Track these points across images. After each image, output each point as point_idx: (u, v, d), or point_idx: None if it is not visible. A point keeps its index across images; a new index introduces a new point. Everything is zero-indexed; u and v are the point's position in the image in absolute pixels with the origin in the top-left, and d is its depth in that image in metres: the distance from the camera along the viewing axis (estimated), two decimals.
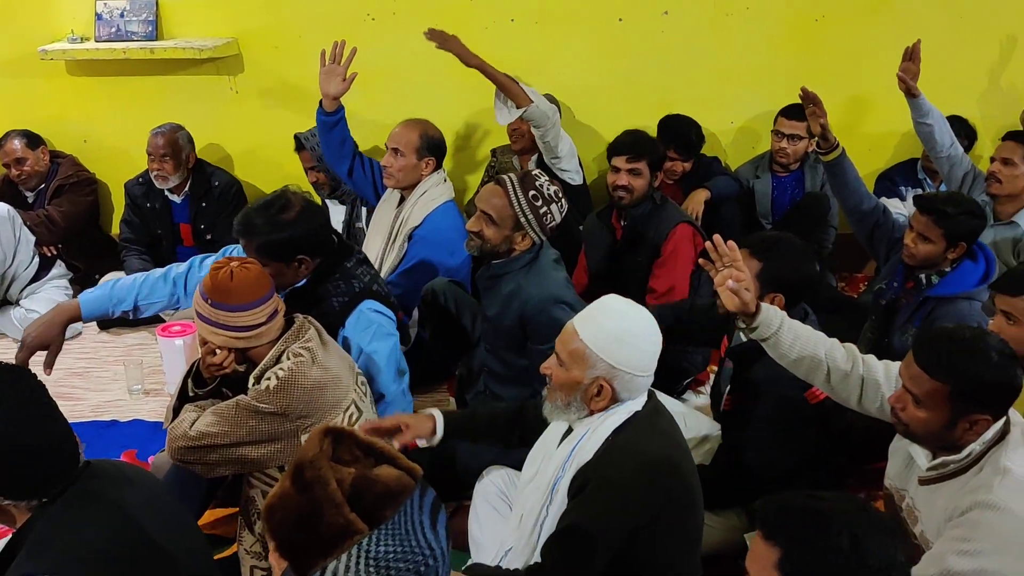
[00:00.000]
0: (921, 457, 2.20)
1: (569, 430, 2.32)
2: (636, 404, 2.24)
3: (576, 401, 2.24)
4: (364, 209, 4.38)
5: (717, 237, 2.44)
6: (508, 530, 2.45)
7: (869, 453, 3.01)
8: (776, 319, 2.38)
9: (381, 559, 1.50)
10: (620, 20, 4.63)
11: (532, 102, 3.96)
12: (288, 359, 2.52)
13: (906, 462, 2.28)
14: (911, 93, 3.82)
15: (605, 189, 4.10)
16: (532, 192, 3.05)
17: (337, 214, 4.45)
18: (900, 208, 4.12)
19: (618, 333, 2.20)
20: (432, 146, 3.94)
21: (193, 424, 2.52)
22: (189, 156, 4.59)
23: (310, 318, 2.67)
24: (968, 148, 4.44)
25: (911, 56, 3.85)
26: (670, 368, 3.02)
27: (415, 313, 3.82)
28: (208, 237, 4.58)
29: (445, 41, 4.00)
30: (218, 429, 2.48)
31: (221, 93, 4.90)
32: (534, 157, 4.36)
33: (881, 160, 4.78)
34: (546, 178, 3.13)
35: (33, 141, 4.75)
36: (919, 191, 4.40)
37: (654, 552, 2.18)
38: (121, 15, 4.75)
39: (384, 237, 3.96)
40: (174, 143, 4.52)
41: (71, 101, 5.00)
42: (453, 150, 4.80)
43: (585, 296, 3.24)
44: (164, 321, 4.02)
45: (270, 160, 4.93)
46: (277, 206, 2.90)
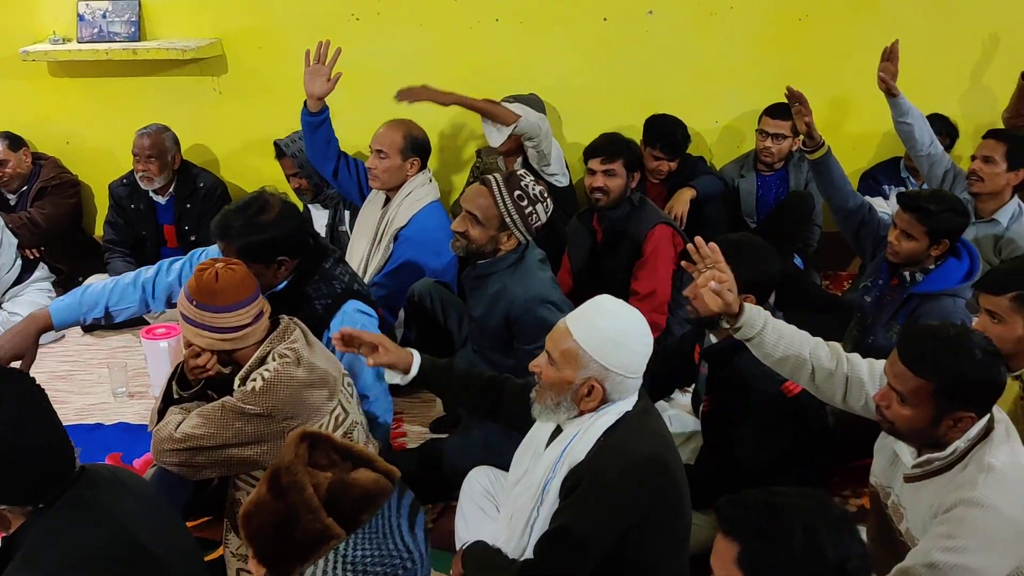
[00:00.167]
0: (906, 454, 2.21)
1: (558, 430, 2.31)
2: (627, 404, 2.24)
3: (566, 401, 2.23)
4: (347, 212, 4.36)
5: (699, 239, 2.45)
6: (497, 530, 2.45)
7: (854, 451, 3.03)
8: (760, 319, 2.39)
9: (359, 563, 1.51)
10: (605, 20, 4.63)
11: (519, 117, 3.98)
12: (274, 360, 2.51)
13: (891, 460, 2.29)
14: (890, 92, 3.85)
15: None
16: (517, 192, 3.05)
17: (320, 218, 4.43)
18: (884, 207, 4.14)
19: (612, 334, 2.19)
20: (416, 146, 3.93)
21: (179, 426, 2.51)
22: (175, 157, 4.57)
23: (295, 319, 2.66)
24: (950, 146, 4.46)
25: (889, 56, 3.88)
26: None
27: (401, 314, 3.81)
28: (192, 238, 4.56)
29: (416, 95, 3.97)
30: (204, 431, 2.47)
31: (205, 94, 4.88)
32: (519, 158, 4.36)
33: (864, 159, 4.80)
34: (531, 178, 3.14)
35: (15, 143, 4.73)
36: (902, 189, 4.43)
37: (644, 551, 2.19)
38: (103, 16, 4.73)
39: (369, 238, 3.95)
40: (160, 144, 4.50)
41: (53, 102, 4.97)
42: (438, 150, 4.80)
43: (570, 298, 3.24)
44: (148, 323, 4.00)
45: (253, 161, 4.90)
46: (255, 207, 2.89)
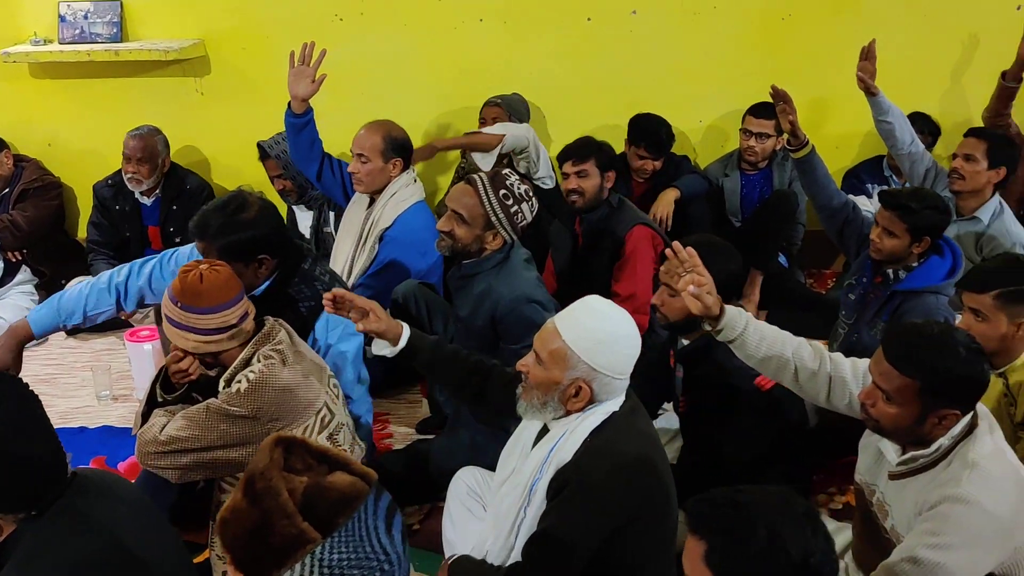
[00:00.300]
0: (891, 452, 2.22)
1: (545, 430, 2.31)
2: (614, 404, 2.24)
3: (553, 401, 2.22)
4: (332, 214, 4.33)
5: (676, 244, 2.47)
6: (483, 530, 2.45)
7: (839, 448, 3.04)
8: (741, 320, 2.40)
9: (335, 567, 1.51)
10: (589, 20, 4.64)
11: (503, 137, 4.00)
12: (259, 362, 2.50)
13: (876, 457, 2.30)
14: (870, 92, 3.87)
15: None
16: (503, 191, 3.05)
17: (305, 220, 4.41)
18: (867, 206, 4.16)
19: (600, 335, 2.19)
20: (397, 147, 3.89)
21: (163, 429, 2.49)
22: (164, 160, 4.54)
23: (281, 321, 2.65)
24: (932, 144, 4.49)
25: (867, 55, 3.89)
26: None
27: None
28: (177, 240, 4.52)
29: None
30: (188, 433, 2.46)
31: (187, 95, 4.86)
32: (504, 159, 4.36)
33: (848, 158, 4.82)
34: (516, 177, 3.13)
35: None
36: (886, 188, 4.45)
37: (631, 552, 2.19)
38: (85, 17, 4.70)
39: (354, 239, 3.93)
40: (151, 147, 4.46)
41: (35, 104, 4.94)
42: None
43: (554, 299, 3.24)
44: (132, 326, 3.98)
45: (237, 162, 4.87)
46: (234, 206, 2.88)
